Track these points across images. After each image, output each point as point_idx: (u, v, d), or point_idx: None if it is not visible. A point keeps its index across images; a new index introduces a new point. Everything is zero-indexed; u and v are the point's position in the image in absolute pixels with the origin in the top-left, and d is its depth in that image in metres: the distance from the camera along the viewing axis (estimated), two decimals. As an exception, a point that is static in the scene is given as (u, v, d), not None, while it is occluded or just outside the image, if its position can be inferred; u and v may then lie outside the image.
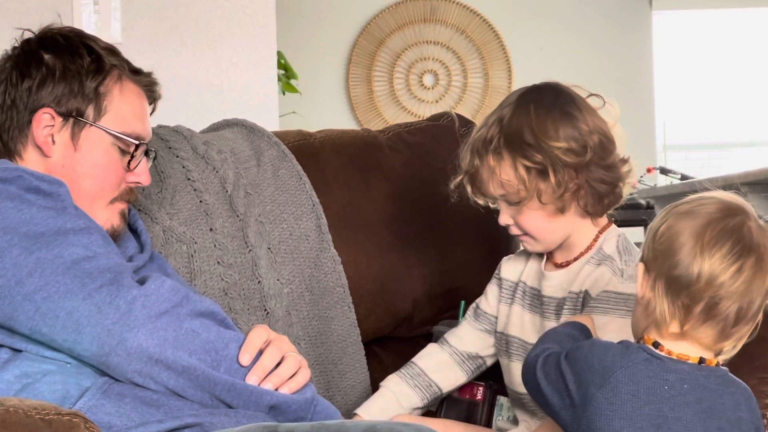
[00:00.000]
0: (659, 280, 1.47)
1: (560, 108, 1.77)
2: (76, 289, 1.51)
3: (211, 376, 1.53)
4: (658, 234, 1.48)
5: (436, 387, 1.94)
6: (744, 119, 6.96)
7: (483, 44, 6.70)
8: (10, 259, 1.52)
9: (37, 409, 1.26)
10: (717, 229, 1.45)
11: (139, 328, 1.50)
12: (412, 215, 2.17)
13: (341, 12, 6.64)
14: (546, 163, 1.73)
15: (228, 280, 1.97)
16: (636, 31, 6.78)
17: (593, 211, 1.79)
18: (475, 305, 1.98)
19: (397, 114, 6.66)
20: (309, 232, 2.08)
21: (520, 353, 1.86)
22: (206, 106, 2.94)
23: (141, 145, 1.74)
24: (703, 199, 1.50)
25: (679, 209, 1.49)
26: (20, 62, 1.71)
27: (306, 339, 2.03)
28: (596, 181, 1.76)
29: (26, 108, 1.69)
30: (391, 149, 2.24)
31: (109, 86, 1.72)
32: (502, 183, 1.77)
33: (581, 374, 1.46)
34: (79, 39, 1.74)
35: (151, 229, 1.94)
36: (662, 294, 1.46)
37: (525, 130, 1.75)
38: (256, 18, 3.01)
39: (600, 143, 1.76)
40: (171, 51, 2.95)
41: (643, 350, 1.46)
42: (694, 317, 1.45)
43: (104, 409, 1.49)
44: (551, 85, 1.83)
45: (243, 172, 2.07)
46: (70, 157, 1.69)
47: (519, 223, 1.80)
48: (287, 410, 1.57)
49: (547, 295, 1.83)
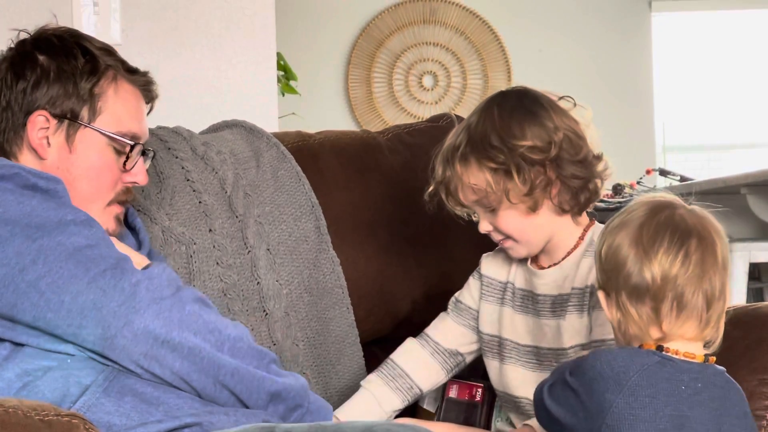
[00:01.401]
0: (620, 296, 1.49)
1: (524, 108, 1.78)
2: (80, 274, 1.52)
3: (216, 359, 1.55)
4: (602, 255, 1.52)
5: (417, 389, 1.94)
6: (743, 121, 6.96)
7: (482, 45, 6.71)
8: (12, 248, 1.53)
9: (36, 410, 1.26)
10: (651, 229, 1.48)
11: (145, 309, 1.52)
12: (412, 216, 2.17)
13: (341, 13, 6.64)
14: (509, 162, 1.74)
15: (227, 281, 1.97)
16: (635, 33, 6.78)
17: (569, 207, 1.79)
18: (455, 299, 1.97)
19: (397, 115, 6.66)
20: (308, 233, 2.08)
21: (512, 356, 1.86)
22: (206, 107, 2.94)
23: (136, 145, 1.74)
24: (630, 208, 1.54)
25: (612, 226, 1.53)
26: (15, 63, 1.72)
27: (304, 340, 2.03)
28: (568, 177, 1.76)
29: (21, 110, 1.70)
30: (390, 150, 2.24)
31: (103, 87, 1.72)
32: (472, 188, 1.78)
33: (592, 384, 1.44)
34: (73, 39, 1.74)
35: (150, 229, 1.94)
36: (629, 308, 1.48)
37: (490, 133, 1.77)
38: (256, 19, 3.01)
39: (567, 138, 1.77)
40: (170, 52, 2.95)
41: (653, 353, 1.46)
42: (667, 316, 1.46)
43: (104, 408, 1.49)
44: (517, 88, 1.85)
45: (242, 173, 2.07)
46: (65, 159, 1.70)
47: (498, 227, 1.81)
48: (287, 397, 1.60)
49: (541, 293, 1.83)
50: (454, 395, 1.99)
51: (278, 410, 1.60)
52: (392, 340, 2.19)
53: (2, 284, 1.52)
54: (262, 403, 1.58)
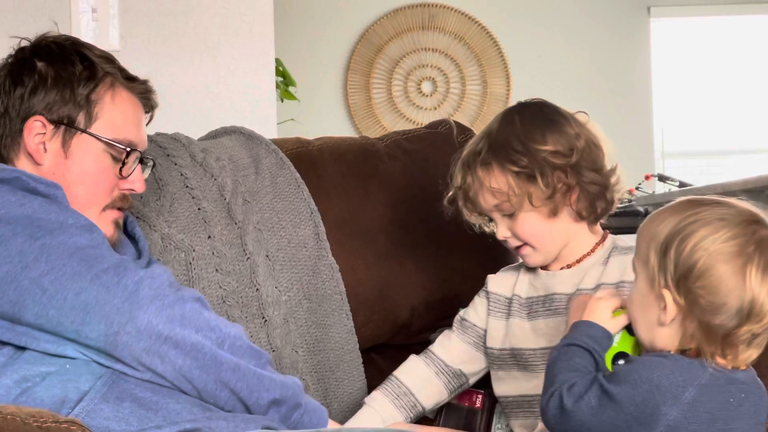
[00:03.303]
0: (695, 308, 1.42)
1: (545, 116, 1.83)
2: (83, 271, 1.53)
3: (217, 356, 1.55)
4: (686, 257, 1.43)
5: (420, 407, 1.94)
6: (743, 126, 6.96)
7: (481, 51, 6.71)
8: (15, 246, 1.53)
9: (34, 417, 1.26)
10: (751, 247, 1.42)
11: (148, 305, 1.53)
12: (411, 223, 2.17)
13: (339, 19, 6.64)
14: (533, 166, 1.77)
15: (226, 288, 1.97)
16: (634, 38, 6.79)
17: (587, 214, 1.82)
18: (459, 317, 1.97)
19: (396, 121, 6.66)
20: (307, 239, 2.08)
21: (531, 362, 1.86)
22: (204, 113, 2.94)
23: (133, 151, 1.74)
24: (710, 205, 1.46)
25: (691, 226, 1.44)
26: (14, 70, 1.72)
27: (304, 346, 2.03)
28: (587, 183, 1.79)
29: (18, 116, 1.70)
30: (389, 157, 2.24)
31: (101, 93, 1.72)
32: (493, 192, 1.80)
33: (647, 396, 1.40)
34: (72, 47, 1.75)
35: (150, 236, 1.94)
36: (705, 319, 1.42)
37: (512, 138, 1.80)
38: (255, 25, 3.01)
39: (587, 146, 1.81)
40: (169, 58, 2.95)
41: (706, 365, 1.43)
42: (742, 340, 1.42)
43: (103, 414, 1.49)
44: (536, 100, 1.89)
45: (241, 180, 2.07)
46: (61, 165, 1.70)
47: (516, 232, 1.82)
48: (287, 396, 1.61)
49: (559, 292, 1.84)
50: (454, 401, 1.99)
51: (280, 411, 1.60)
52: (391, 347, 2.20)
53: (5, 282, 1.52)
54: (263, 403, 1.58)
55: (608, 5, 6.76)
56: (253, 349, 1.62)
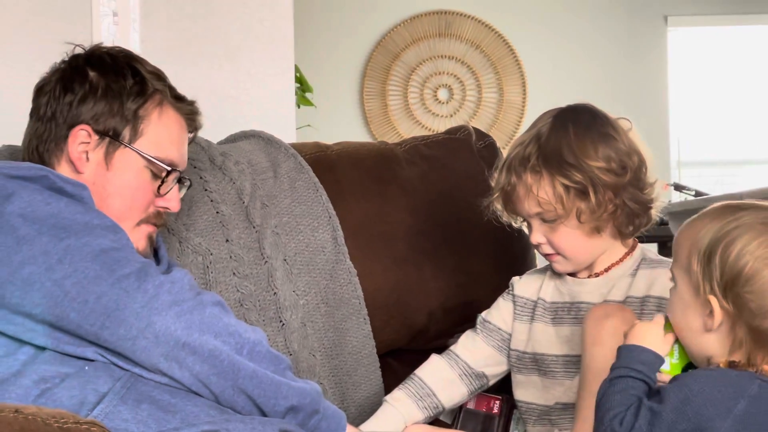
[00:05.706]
0: (754, 320, 1.41)
1: (598, 129, 1.78)
2: (105, 275, 1.54)
3: (235, 362, 1.56)
4: (733, 263, 1.41)
5: (441, 407, 1.95)
6: (759, 136, 6.94)
7: (497, 59, 6.71)
8: (39, 246, 1.54)
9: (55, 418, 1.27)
10: None
11: (167, 311, 1.53)
12: (429, 228, 2.17)
13: (356, 26, 6.65)
14: (586, 182, 1.74)
15: (243, 291, 1.97)
16: (651, 48, 6.78)
17: (628, 232, 1.81)
18: (482, 318, 1.97)
19: (412, 128, 6.66)
20: (325, 243, 2.09)
21: (552, 368, 1.86)
22: (223, 117, 2.95)
23: (173, 171, 1.75)
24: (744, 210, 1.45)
25: (738, 231, 1.42)
26: (65, 76, 1.73)
27: (321, 350, 2.03)
28: (634, 201, 1.77)
29: (65, 122, 1.71)
30: (408, 162, 2.25)
31: (148, 109, 1.73)
32: (539, 201, 1.77)
33: (699, 409, 1.38)
34: (125, 60, 1.76)
35: (168, 240, 1.94)
36: (748, 341, 1.42)
37: (564, 149, 1.76)
38: (274, 30, 3.02)
39: (639, 164, 1.78)
40: (189, 62, 2.96)
41: (754, 377, 1.41)
42: None
43: (121, 416, 1.50)
44: (587, 106, 1.84)
45: (260, 184, 2.08)
46: (101, 176, 1.71)
47: (552, 241, 1.81)
48: (304, 403, 1.61)
49: (585, 300, 1.83)
50: (472, 406, 1.99)
51: (297, 417, 1.60)
52: (408, 351, 2.20)
53: (28, 283, 1.53)
54: (280, 410, 1.58)
55: (625, 14, 6.75)
56: (273, 354, 1.62)
